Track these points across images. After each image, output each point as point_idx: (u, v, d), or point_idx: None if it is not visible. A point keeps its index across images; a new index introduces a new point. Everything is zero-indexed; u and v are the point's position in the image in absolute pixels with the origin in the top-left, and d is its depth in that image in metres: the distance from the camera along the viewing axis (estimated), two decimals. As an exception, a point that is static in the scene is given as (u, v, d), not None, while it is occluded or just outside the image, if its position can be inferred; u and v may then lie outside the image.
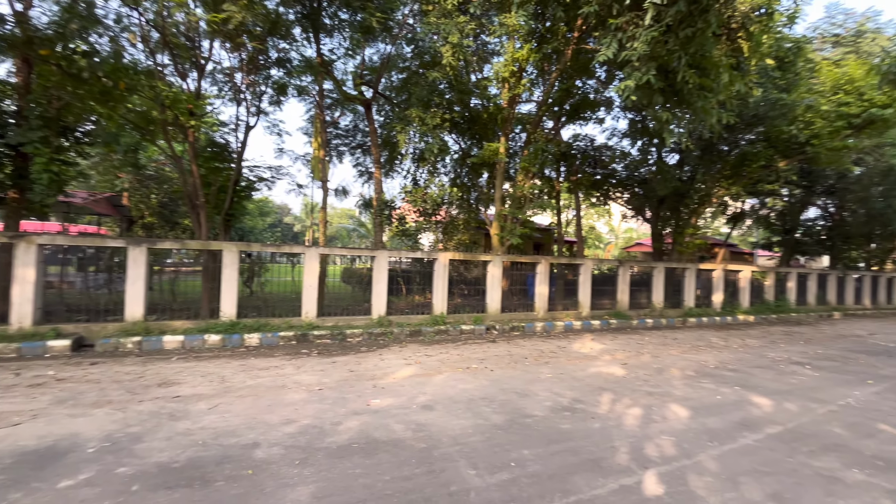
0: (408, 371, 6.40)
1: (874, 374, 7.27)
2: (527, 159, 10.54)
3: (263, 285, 12.14)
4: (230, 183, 10.34)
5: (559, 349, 8.53)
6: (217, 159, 11.20)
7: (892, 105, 10.58)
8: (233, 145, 11.27)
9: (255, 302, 10.29)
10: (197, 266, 12.38)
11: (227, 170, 11.24)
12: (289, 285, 10.77)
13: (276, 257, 11.72)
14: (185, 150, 9.65)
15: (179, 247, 8.89)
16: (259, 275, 12.02)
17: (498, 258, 11.12)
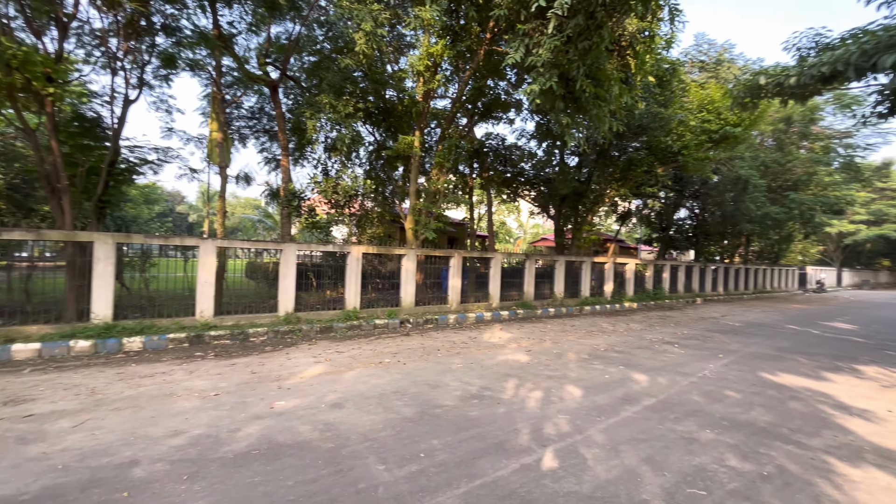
0: (317, 369, 6.15)
1: (724, 349, 8.70)
2: (441, 154, 10.69)
3: (149, 282, 10.74)
4: (104, 164, 8.93)
5: (470, 340, 8.85)
6: (87, 136, 9.59)
7: (741, 125, 12.70)
8: (108, 121, 9.74)
9: (137, 301, 9.06)
10: (62, 260, 10.53)
11: (99, 149, 9.68)
12: (181, 282, 9.67)
13: (165, 250, 10.46)
14: (43, 123, 8.12)
15: (34, 237, 7.47)
16: (144, 270, 10.60)
17: (412, 252, 11.16)
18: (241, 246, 8.86)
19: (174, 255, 10.54)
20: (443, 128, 11.58)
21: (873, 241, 42.84)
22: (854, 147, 20.20)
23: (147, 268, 10.62)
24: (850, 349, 9.20)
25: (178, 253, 9.71)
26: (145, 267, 10.55)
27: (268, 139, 15.52)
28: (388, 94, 11.93)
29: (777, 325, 12.60)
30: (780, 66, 6.50)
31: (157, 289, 10.37)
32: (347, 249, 10.05)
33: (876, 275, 52.28)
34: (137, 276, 10.29)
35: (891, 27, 4.81)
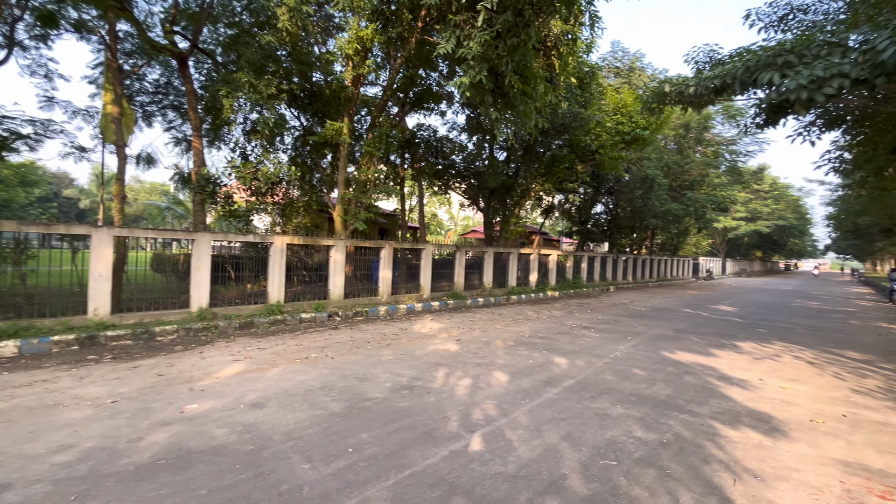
0: (235, 368, 5.74)
1: (632, 332, 9.58)
2: (371, 143, 10.41)
3: (26, 277, 9.24)
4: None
5: (401, 331, 8.81)
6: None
7: (649, 128, 13.97)
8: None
9: (10, 300, 7.75)
10: None
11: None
12: (69, 276, 8.44)
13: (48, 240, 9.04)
14: None
15: None
16: (20, 263, 9.08)
17: (341, 242, 10.81)
18: (144, 235, 7.93)
19: (60, 245, 9.16)
20: (373, 116, 11.27)
21: (750, 235, 49.78)
22: (737, 153, 23.28)
23: (23, 260, 9.11)
24: (732, 329, 10.61)
25: (65, 243, 8.45)
26: (21, 259, 9.04)
27: (177, 117, 14.05)
28: (314, 77, 11.34)
29: (675, 310, 14.15)
30: (682, 77, 7.23)
31: (36, 284, 8.96)
32: (270, 240, 9.46)
33: (751, 264, 61.02)
34: (10, 271, 8.79)
35: (768, 48, 5.57)
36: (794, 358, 7.49)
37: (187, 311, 8.30)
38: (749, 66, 5.52)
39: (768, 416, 4.55)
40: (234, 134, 11.19)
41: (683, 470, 3.31)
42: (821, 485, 3.16)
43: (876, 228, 26.70)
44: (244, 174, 8.80)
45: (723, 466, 3.39)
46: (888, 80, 4.47)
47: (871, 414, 4.74)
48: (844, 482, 3.21)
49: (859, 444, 3.93)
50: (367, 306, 11.13)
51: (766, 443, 3.88)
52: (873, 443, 3.95)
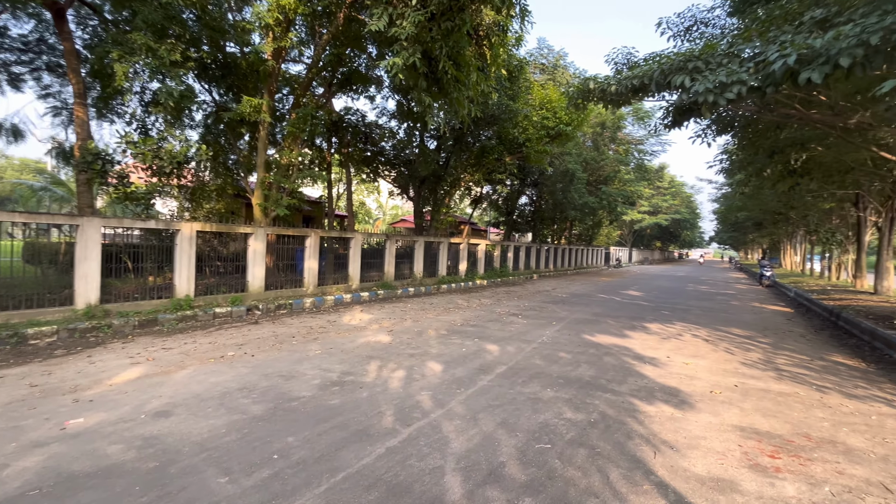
0: (134, 372, 5.02)
1: (556, 317, 10.09)
2: (295, 123, 9.67)
3: None
4: None
5: (329, 324, 8.39)
6: None
7: (572, 123, 14.73)
8: None
9: None
10: None
11: None
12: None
13: None
14: None
15: None
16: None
17: (261, 230, 9.99)
18: (11, 219, 6.57)
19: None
20: (297, 95, 10.46)
21: (652, 227, 55.30)
22: (644, 152, 25.61)
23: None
24: (641, 312, 11.66)
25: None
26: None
27: (55, 81, 11.93)
28: (229, 47, 10.23)
29: (592, 295, 15.22)
30: (605, 76, 7.65)
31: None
32: (177, 226, 8.42)
33: (652, 253, 68.07)
34: None
35: (680, 54, 6.09)
36: (693, 336, 8.40)
37: (71, 309, 7.12)
38: (664, 70, 5.97)
39: (677, 391, 5.01)
40: (129, 105, 9.70)
41: (611, 447, 3.49)
42: (724, 450, 3.53)
43: (749, 222, 31.11)
44: (143, 151, 7.67)
45: (644, 441, 3.64)
46: (776, 90, 5.11)
47: (756, 383, 5.44)
48: (742, 445, 3.62)
49: (749, 410, 4.47)
50: (291, 298, 10.47)
51: (678, 415, 4.25)
52: (760, 409, 4.52)
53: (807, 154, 10.22)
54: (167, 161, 8.07)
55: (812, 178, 11.03)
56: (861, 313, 10.18)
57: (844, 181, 12.05)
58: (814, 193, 13.28)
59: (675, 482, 2.99)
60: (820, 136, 9.69)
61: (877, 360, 6.92)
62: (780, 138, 9.34)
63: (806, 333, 9.28)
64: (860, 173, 11.24)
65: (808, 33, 5.44)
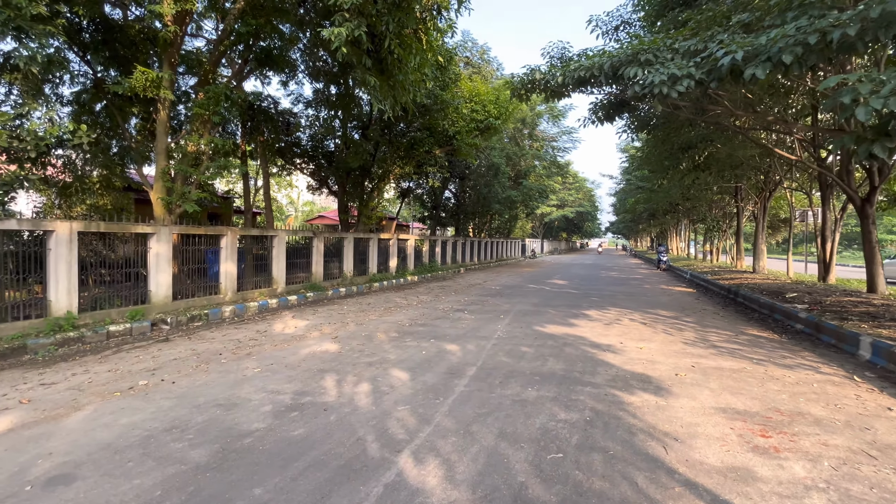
0: (2, 423, 3.72)
1: (501, 310, 10.04)
2: (203, 104, 8.21)
3: None
4: None
5: (260, 335, 7.32)
6: None
7: (500, 117, 14.88)
8: None
9: None
10: None
11: None
12: None
13: None
14: None
15: None
16: None
17: (165, 230, 8.41)
18: None
19: None
20: (204, 72, 8.92)
21: (560, 219, 59.45)
22: (557, 149, 27.17)
23: None
24: (574, 300, 12.16)
25: None
26: None
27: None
28: (110, 11, 8.36)
29: (523, 286, 15.62)
30: (549, 68, 7.67)
31: None
32: (49, 226, 6.65)
33: (559, 243, 73.39)
34: None
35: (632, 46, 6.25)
36: (631, 321, 8.88)
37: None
38: (614, 62, 6.07)
39: (647, 377, 5.09)
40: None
41: (620, 447, 3.32)
42: (721, 435, 3.56)
43: (646, 213, 34.91)
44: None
45: (647, 435, 3.54)
46: (719, 84, 5.46)
47: (708, 362, 5.79)
48: (733, 428, 3.70)
49: (717, 389, 4.68)
50: (206, 308, 9.02)
51: (662, 403, 4.27)
52: (726, 387, 4.76)
53: (708, 151, 11.43)
54: (31, 144, 6.29)
55: (710, 171, 12.51)
56: (755, 290, 11.73)
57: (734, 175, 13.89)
58: (706, 186, 15.18)
59: (700, 478, 2.89)
60: (719, 135, 10.88)
61: (784, 331, 7.91)
62: (691, 135, 10.31)
63: (717, 311, 10.39)
64: (747, 167, 13.00)
65: (734, 34, 5.88)
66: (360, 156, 13.05)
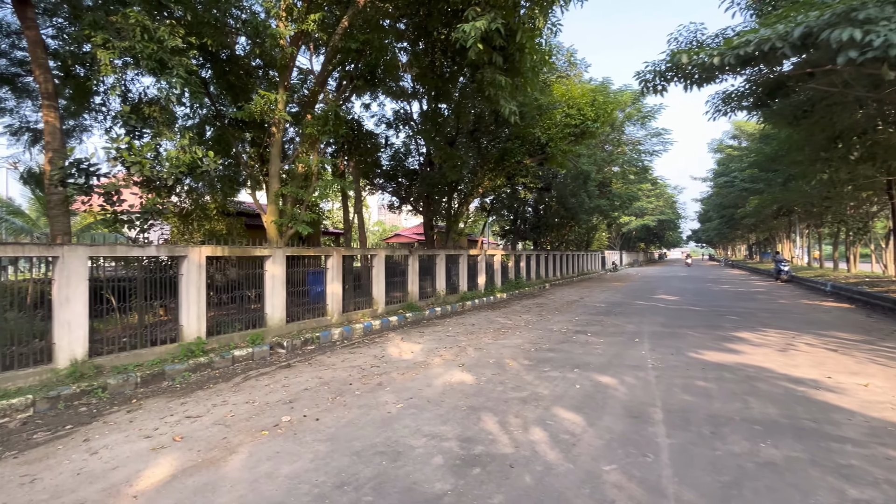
0: (162, 467, 3.39)
1: (627, 332, 8.80)
2: (314, 123, 8.16)
3: None
4: None
5: (379, 361, 6.84)
6: None
7: (598, 119, 13.78)
8: None
9: None
10: None
11: None
12: None
13: None
14: None
15: None
16: None
17: (280, 252, 8.37)
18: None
19: None
20: (312, 92, 8.97)
21: (639, 229, 55.51)
22: (646, 153, 25.05)
23: None
24: (706, 318, 10.52)
25: None
26: None
27: (9, 91, 10.07)
28: (233, 36, 8.67)
29: (630, 303, 14.07)
30: (703, 47, 6.62)
31: None
32: (183, 252, 6.74)
33: (637, 255, 68.48)
34: None
35: (841, 2, 5.02)
36: (808, 346, 7.26)
37: (51, 369, 5.34)
38: (811, 26, 4.90)
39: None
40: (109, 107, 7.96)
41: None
42: None
43: (751, 219, 30.92)
44: (140, 159, 6.01)
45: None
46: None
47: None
48: None
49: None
50: (315, 330, 8.83)
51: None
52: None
53: (873, 139, 9.44)
54: (167, 172, 6.43)
55: (875, 162, 10.35)
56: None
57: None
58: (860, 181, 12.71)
59: None
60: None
61: None
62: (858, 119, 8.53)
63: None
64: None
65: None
66: (457, 169, 12.56)
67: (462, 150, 13.92)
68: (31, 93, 10.31)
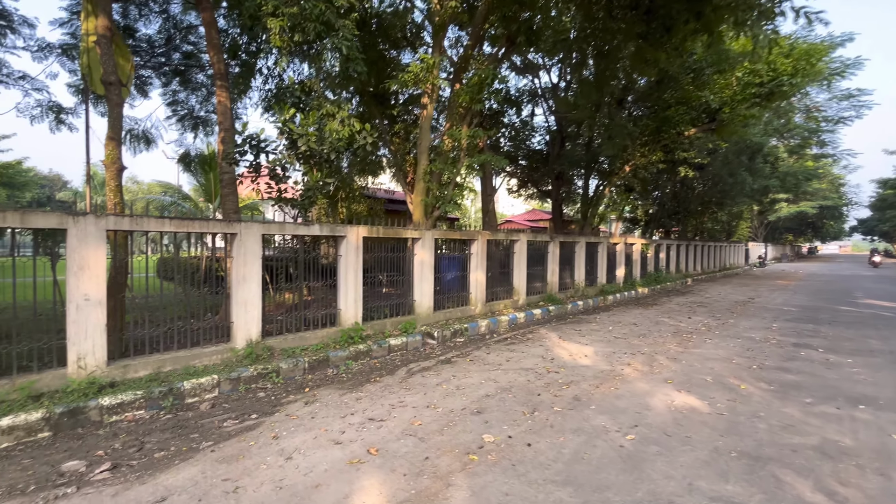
0: (371, 496, 2.65)
1: (873, 349, 6.50)
2: (469, 90, 7.26)
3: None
4: None
5: (551, 364, 5.76)
6: None
7: (797, 74, 10.85)
8: None
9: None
10: None
11: None
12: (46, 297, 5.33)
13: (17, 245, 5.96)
14: None
15: None
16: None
17: (429, 234, 7.72)
18: (156, 229, 4.80)
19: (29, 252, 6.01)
20: (464, 56, 8.08)
21: (790, 217, 46.40)
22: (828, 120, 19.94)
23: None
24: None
25: (41, 248, 5.23)
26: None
27: (179, 85, 10.98)
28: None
29: (831, 308, 11.04)
30: None
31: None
32: (342, 231, 6.36)
33: (784, 248, 57.52)
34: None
35: None
36: None
37: (230, 348, 5.23)
38: None
39: None
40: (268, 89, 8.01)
41: None
42: None
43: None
44: (306, 131, 5.67)
45: None
46: None
47: None
48: None
49: None
50: (461, 321, 8.09)
51: None
52: None
53: None
54: (328, 146, 6.00)
55: None
56: None
57: None
58: None
59: None
60: None
61: None
62: None
63: None
64: None
65: None
66: (617, 142, 10.71)
67: (608, 120, 11.96)
68: (196, 84, 11.16)
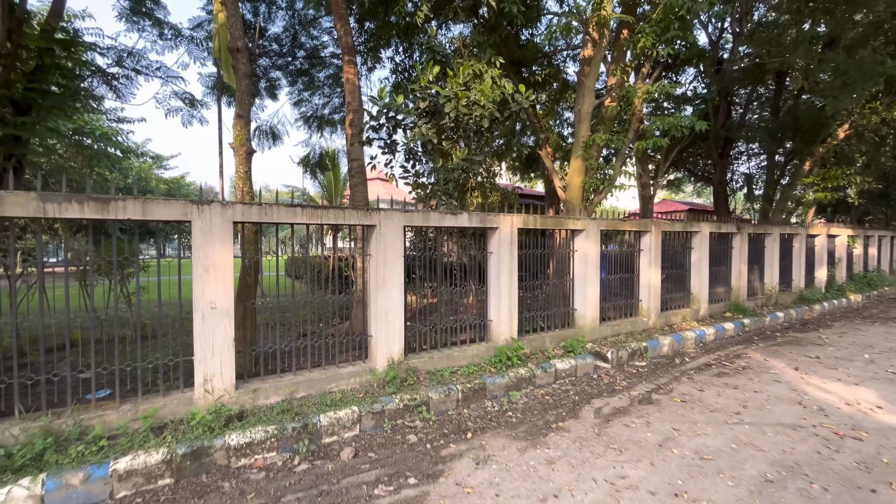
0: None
1: None
2: (653, 29, 5.33)
3: (131, 299, 6.15)
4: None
5: (816, 413, 3.65)
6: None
7: None
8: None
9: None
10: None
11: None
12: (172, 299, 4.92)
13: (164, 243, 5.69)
14: None
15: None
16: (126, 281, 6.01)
17: (594, 225, 5.97)
18: (287, 219, 3.90)
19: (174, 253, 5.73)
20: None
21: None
22: None
23: (128, 276, 5.96)
24: None
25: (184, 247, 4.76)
26: (125, 275, 5.89)
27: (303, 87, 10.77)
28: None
29: None
30: None
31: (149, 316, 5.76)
32: (493, 222, 4.97)
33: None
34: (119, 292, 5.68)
35: None
36: None
37: (368, 368, 4.15)
38: None
39: None
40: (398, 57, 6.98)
41: None
42: None
43: None
44: (455, 90, 4.39)
45: None
46: None
47: None
48: None
49: None
50: (633, 336, 6.19)
51: None
52: None
53: None
54: (486, 111, 4.63)
55: None
56: None
57: None
58: None
59: None
60: None
61: None
62: None
63: None
64: None
65: None
66: (856, 90, 7.37)
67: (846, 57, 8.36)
68: (320, 83, 10.86)
